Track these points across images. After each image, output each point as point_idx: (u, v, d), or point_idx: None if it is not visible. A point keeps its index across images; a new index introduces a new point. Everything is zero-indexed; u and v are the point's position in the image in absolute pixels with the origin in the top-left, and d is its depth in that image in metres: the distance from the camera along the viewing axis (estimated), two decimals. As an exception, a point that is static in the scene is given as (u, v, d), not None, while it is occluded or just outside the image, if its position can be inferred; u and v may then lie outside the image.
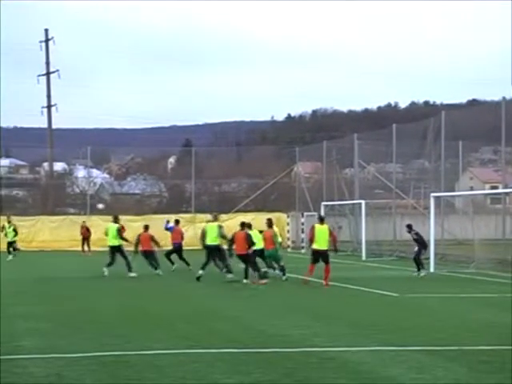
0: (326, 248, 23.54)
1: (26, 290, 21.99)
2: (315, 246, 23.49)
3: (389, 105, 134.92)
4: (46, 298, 20.13)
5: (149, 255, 27.71)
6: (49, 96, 60.51)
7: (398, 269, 30.96)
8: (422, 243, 27.51)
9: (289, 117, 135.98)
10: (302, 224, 45.68)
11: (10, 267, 30.71)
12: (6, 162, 78.16)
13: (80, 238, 42.50)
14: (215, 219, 25.68)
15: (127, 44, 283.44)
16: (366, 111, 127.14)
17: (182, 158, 65.92)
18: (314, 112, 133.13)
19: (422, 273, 27.08)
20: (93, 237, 42.63)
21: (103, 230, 29.00)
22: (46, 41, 61.06)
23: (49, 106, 60.59)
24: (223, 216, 47.94)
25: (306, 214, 45.96)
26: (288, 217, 47.74)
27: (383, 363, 10.83)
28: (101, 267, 26.55)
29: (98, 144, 69.26)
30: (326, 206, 43.46)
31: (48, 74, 60.72)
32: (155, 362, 10.84)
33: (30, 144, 72.92)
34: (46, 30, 61.37)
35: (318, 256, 23.44)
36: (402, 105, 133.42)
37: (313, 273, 23.45)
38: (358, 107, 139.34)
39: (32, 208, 55.56)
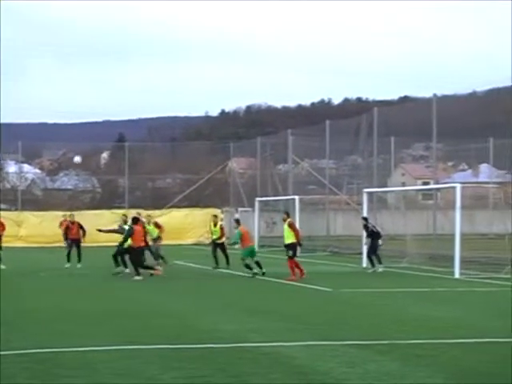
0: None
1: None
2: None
3: (322, 101, 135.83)
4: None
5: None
6: (-21, 90, 59.47)
7: (332, 264, 31.27)
8: (378, 235, 27.42)
9: (223, 112, 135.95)
10: (236, 220, 45.76)
11: None
12: None
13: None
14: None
15: (59, 39, 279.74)
16: (300, 107, 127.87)
17: (115, 154, 65.43)
18: (248, 108, 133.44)
19: (380, 268, 26.74)
20: (23, 233, 42.05)
21: (33, 225, 28.65)
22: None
23: (-21, 100, 59.54)
24: (157, 212, 47.83)
25: (240, 209, 46.07)
26: (222, 212, 47.74)
27: (316, 358, 10.93)
28: (32, 264, 26.22)
29: (30, 139, 68.39)
30: (261, 201, 43.57)
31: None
32: (88, 359, 10.76)
33: (-41, 139, 71.56)
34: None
35: None
36: (336, 101, 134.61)
37: None
38: (292, 103, 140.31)
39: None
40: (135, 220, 24.85)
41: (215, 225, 29.32)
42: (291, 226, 24.49)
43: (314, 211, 43.11)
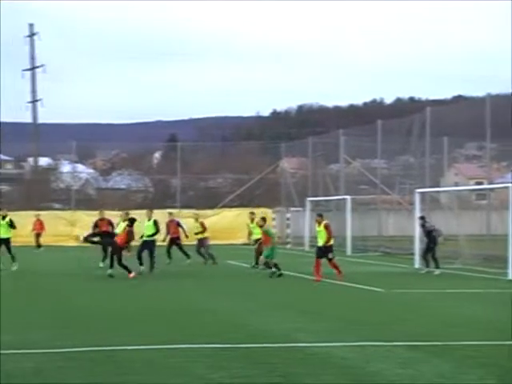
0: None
1: (6, 285, 21.87)
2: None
3: (374, 101, 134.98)
4: (25, 293, 20.01)
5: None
6: (34, 91, 60.25)
7: (383, 264, 31.01)
8: (437, 234, 26.97)
9: (274, 112, 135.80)
10: (288, 219, 45.70)
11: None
12: (-10, 156, 77.88)
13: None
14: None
15: (112, 40, 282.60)
16: (352, 107, 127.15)
17: (167, 154, 65.74)
18: (300, 107, 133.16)
19: (437, 271, 26.14)
20: (76, 232, 42.33)
21: (87, 224, 28.83)
22: (31, 35, 60.77)
23: (34, 101, 60.32)
24: (208, 211, 47.97)
25: (291, 209, 45.96)
26: (273, 212, 47.70)
27: (367, 358, 10.81)
28: (84, 263, 26.43)
29: (84, 139, 69.15)
30: (312, 201, 43.44)
31: (33, 68, 60.44)
32: (138, 358, 10.78)
33: (15, 139, 72.57)
34: (31, 25, 61.09)
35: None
36: (388, 101, 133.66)
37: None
38: (344, 103, 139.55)
39: (16, 203, 55.23)
40: (132, 221, 24.94)
41: (252, 221, 29.01)
42: (328, 227, 24.26)
43: (365, 211, 42.84)
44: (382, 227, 41.19)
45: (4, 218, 27.52)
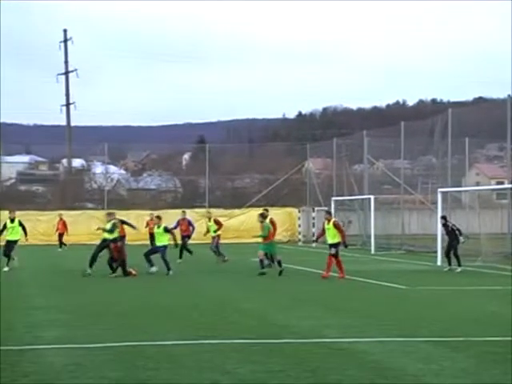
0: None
1: (45, 283, 22.08)
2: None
3: (397, 103, 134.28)
4: (65, 290, 20.19)
5: None
6: (67, 94, 60.67)
7: (406, 262, 30.93)
8: (458, 233, 26.81)
9: (300, 114, 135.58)
10: (313, 218, 45.72)
11: (32, 260, 30.71)
12: (26, 158, 78.51)
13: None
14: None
15: (143, 44, 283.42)
16: (375, 109, 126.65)
17: (196, 155, 66.05)
18: (325, 110, 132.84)
19: (459, 269, 25.92)
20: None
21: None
22: (65, 41, 61.18)
23: (67, 104, 60.73)
24: (236, 211, 48.07)
25: (316, 208, 45.98)
26: (299, 211, 47.72)
27: (391, 353, 10.82)
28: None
29: (115, 141, 69.52)
30: (336, 200, 43.43)
31: (67, 73, 60.86)
32: (170, 352, 10.86)
33: (49, 141, 73.15)
34: (65, 31, 61.52)
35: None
36: (410, 103, 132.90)
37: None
38: (367, 105, 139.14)
39: (51, 203, 55.70)
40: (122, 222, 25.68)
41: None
42: (337, 226, 24.13)
43: (388, 210, 42.73)
44: (404, 226, 41.04)
45: (13, 220, 26.81)
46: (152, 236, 28.82)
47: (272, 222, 27.32)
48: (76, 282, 22.37)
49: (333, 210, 42.54)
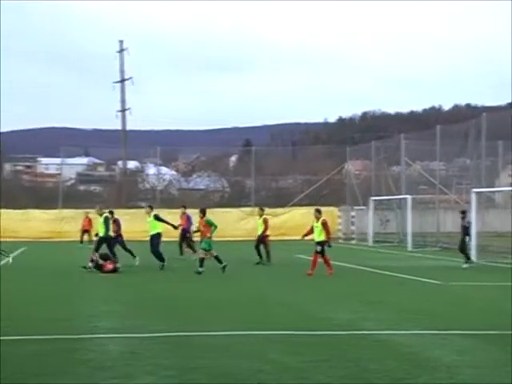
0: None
1: (103, 276, 22.31)
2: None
3: (433, 107, 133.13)
4: (120, 284, 20.41)
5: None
6: (123, 101, 61.16)
7: (442, 259, 30.67)
8: (467, 232, 26.59)
9: (340, 119, 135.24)
10: (352, 217, 45.59)
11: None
12: (85, 160, 79.46)
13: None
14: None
15: (192, 52, 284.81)
16: (412, 113, 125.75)
17: (242, 157, 66.13)
18: (364, 114, 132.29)
19: (465, 265, 25.97)
20: (160, 229, 42.84)
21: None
22: (121, 51, 61.73)
23: (123, 110, 61.27)
24: (279, 210, 48.07)
25: (355, 207, 45.83)
26: (339, 210, 47.59)
27: (427, 346, 10.76)
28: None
29: (167, 144, 69.92)
30: (375, 200, 43.26)
31: (122, 81, 61.40)
32: (219, 342, 10.94)
33: (106, 144, 73.88)
34: (121, 42, 62.02)
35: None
36: (446, 107, 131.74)
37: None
38: (405, 109, 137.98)
39: (107, 202, 56.23)
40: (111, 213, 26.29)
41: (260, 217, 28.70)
42: (325, 225, 23.49)
43: (424, 209, 42.45)
44: (440, 224, 40.67)
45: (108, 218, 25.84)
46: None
47: (265, 221, 27.43)
48: (128, 276, 22.58)
49: (371, 210, 42.50)
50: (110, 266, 23.28)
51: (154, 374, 8.87)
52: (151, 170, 60.28)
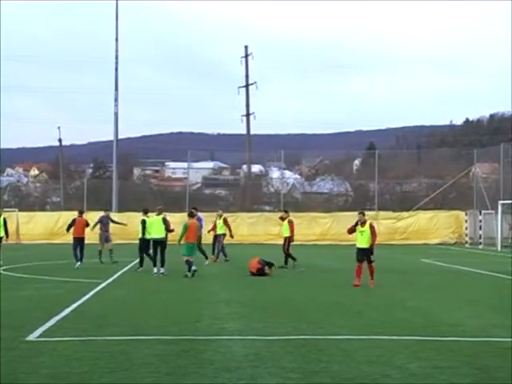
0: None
1: (225, 279, 22.57)
2: None
3: None
4: (240, 286, 20.56)
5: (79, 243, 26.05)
6: (248, 105, 61.88)
7: None
8: None
9: (467, 121, 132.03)
10: (480, 221, 44.37)
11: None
12: (210, 164, 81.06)
13: None
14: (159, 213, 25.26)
15: (315, 56, 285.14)
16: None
17: (366, 160, 65.65)
18: (492, 116, 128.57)
19: None
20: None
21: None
22: (246, 56, 62.49)
23: (248, 115, 61.97)
24: (404, 213, 47.39)
25: (483, 211, 44.59)
26: (466, 214, 46.47)
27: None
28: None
29: (290, 148, 70.32)
30: (503, 204, 41.95)
31: (247, 85, 62.14)
32: (342, 347, 10.85)
33: (231, 148, 75.03)
34: (246, 47, 62.78)
35: None
36: None
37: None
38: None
39: (232, 205, 57.11)
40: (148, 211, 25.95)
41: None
42: (374, 228, 20.20)
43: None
44: None
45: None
46: (216, 238, 29.66)
47: (290, 223, 26.89)
48: (246, 278, 22.73)
49: (499, 213, 41.26)
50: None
51: (278, 376, 8.90)
52: (275, 173, 60.79)
